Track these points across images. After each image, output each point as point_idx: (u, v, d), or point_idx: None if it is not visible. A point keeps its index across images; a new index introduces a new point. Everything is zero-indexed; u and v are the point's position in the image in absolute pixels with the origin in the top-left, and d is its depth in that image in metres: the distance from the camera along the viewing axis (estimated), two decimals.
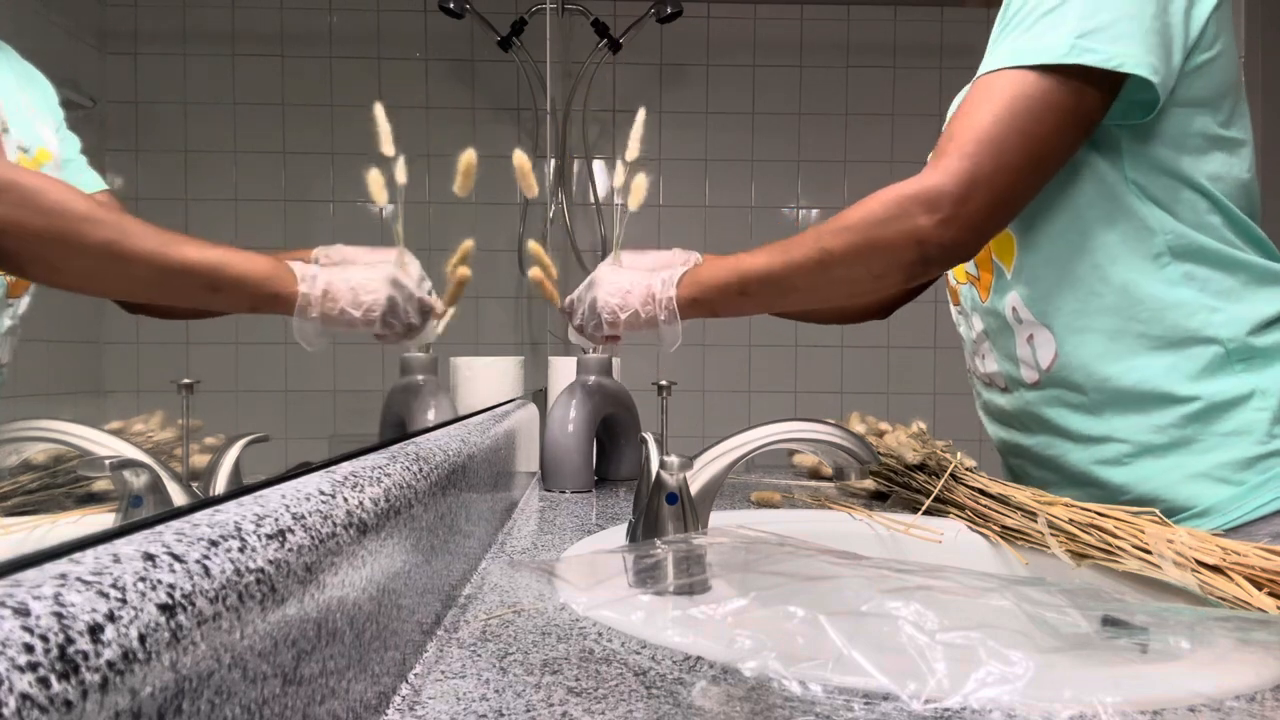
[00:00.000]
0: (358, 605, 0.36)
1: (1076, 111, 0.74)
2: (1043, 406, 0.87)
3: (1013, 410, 0.92)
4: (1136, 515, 0.66)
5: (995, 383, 0.94)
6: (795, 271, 0.83)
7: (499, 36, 1.88)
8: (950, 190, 0.74)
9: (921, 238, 0.75)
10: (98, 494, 0.38)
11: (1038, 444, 0.90)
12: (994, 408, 0.97)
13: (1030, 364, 0.87)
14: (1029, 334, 0.87)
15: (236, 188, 0.55)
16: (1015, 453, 0.95)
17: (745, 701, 0.40)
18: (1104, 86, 0.73)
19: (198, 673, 0.23)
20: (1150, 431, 0.80)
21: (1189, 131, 0.76)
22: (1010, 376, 0.91)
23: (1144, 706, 0.40)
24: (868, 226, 0.78)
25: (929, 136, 1.11)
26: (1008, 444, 0.96)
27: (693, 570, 0.59)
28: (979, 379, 0.98)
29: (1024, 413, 0.90)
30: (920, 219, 0.75)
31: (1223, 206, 0.78)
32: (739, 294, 0.87)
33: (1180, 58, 0.74)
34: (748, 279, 0.86)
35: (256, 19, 0.60)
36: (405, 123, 0.97)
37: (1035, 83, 0.73)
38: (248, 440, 0.45)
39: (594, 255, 2.53)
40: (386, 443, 0.54)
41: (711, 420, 2.65)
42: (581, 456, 1.04)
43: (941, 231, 0.75)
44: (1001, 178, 0.74)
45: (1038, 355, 0.86)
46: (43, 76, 0.35)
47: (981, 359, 0.96)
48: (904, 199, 0.76)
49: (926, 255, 0.76)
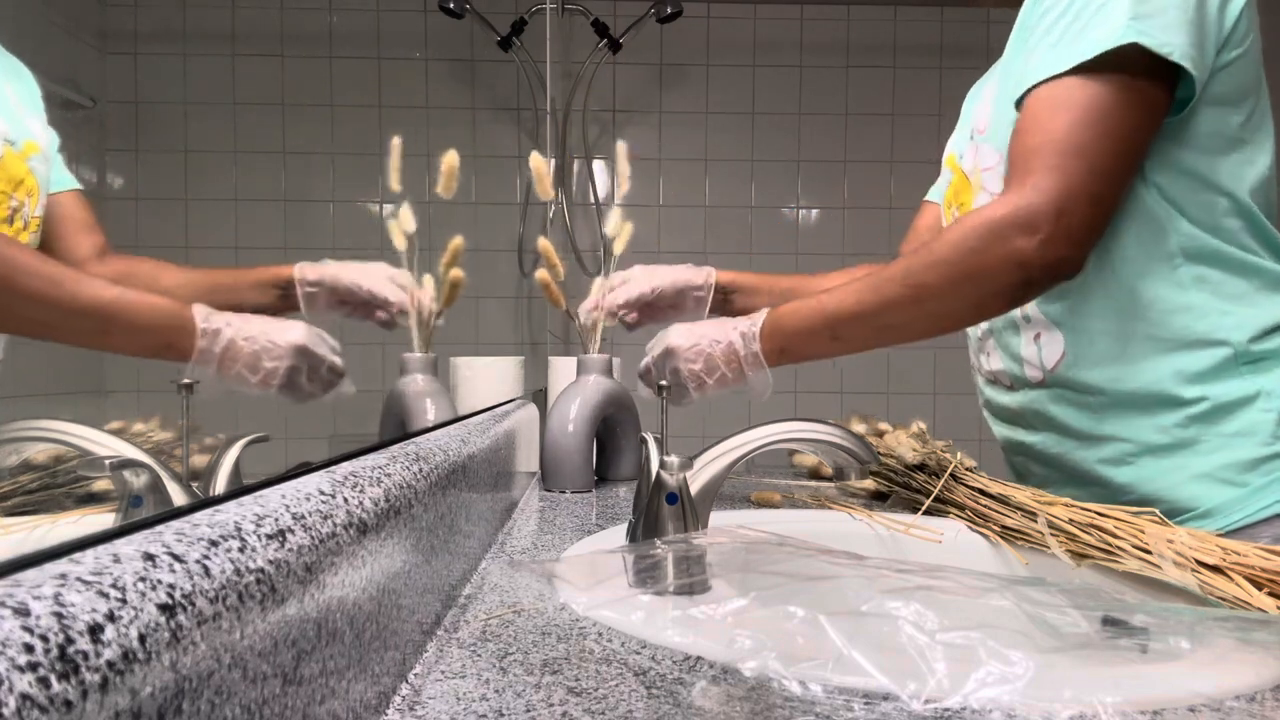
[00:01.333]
0: (358, 605, 0.36)
1: (1147, 102, 0.72)
2: (1047, 405, 0.87)
3: (1016, 408, 0.92)
4: (1136, 515, 0.66)
5: (999, 380, 0.94)
6: (888, 309, 0.81)
7: (499, 36, 1.88)
8: (1045, 208, 0.71)
9: (1023, 260, 0.73)
10: (98, 494, 0.38)
11: (1041, 442, 0.90)
12: (997, 405, 0.96)
13: (1035, 363, 0.87)
14: (1036, 333, 0.87)
15: (236, 188, 0.55)
16: (1018, 450, 0.95)
17: (745, 701, 0.40)
18: (1161, 75, 0.71)
19: (198, 673, 0.23)
20: (1154, 432, 0.80)
21: (1213, 131, 0.75)
22: (1014, 375, 0.91)
23: (1144, 706, 0.40)
24: (961, 257, 0.75)
25: (929, 136, 1.10)
26: (1011, 442, 0.96)
27: (693, 570, 0.59)
28: (983, 376, 0.98)
29: (1028, 411, 0.90)
30: (1018, 242, 0.72)
31: (1243, 208, 0.77)
32: (830, 339, 0.85)
33: (1213, 53, 0.73)
34: (838, 323, 0.83)
35: (256, 19, 0.60)
36: (405, 123, 0.97)
37: (1103, 82, 0.71)
38: (248, 440, 0.45)
39: (594, 255, 2.53)
40: (386, 443, 0.54)
41: (711, 420, 2.65)
42: (581, 456, 1.04)
43: (1044, 251, 0.72)
44: (1096, 184, 0.72)
45: (1043, 354, 0.86)
46: (26, 69, 0.35)
47: (986, 356, 0.95)
48: (996, 224, 0.73)
49: (1029, 278, 0.74)
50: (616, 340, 1.17)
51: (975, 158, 0.92)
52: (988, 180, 0.89)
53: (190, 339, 0.49)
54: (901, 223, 1.26)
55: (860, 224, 2.66)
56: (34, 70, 0.35)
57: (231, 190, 0.55)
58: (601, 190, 2.64)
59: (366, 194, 0.85)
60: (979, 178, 0.91)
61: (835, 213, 2.67)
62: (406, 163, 0.76)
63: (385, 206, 0.85)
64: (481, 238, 1.42)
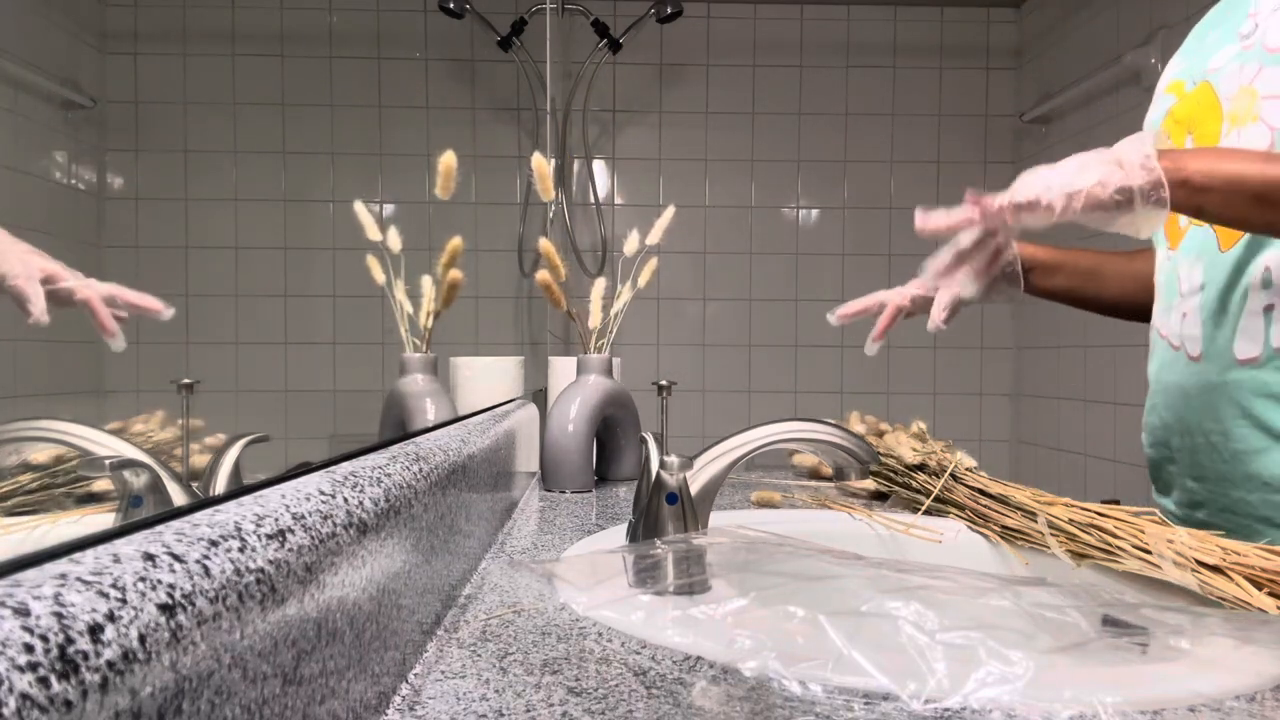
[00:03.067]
0: (358, 605, 0.36)
1: None
2: (1246, 392, 0.75)
3: (1192, 388, 0.80)
4: (1137, 515, 0.66)
5: (1185, 347, 0.81)
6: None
7: (499, 36, 1.88)
8: None
9: None
10: (98, 494, 0.38)
11: (1216, 433, 0.78)
12: (1170, 378, 0.84)
13: (1256, 338, 0.74)
14: (1271, 302, 0.73)
15: (236, 188, 0.55)
16: (1177, 432, 0.83)
17: (745, 701, 0.40)
18: None
19: (198, 673, 0.23)
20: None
21: None
22: (1213, 345, 0.78)
23: (1144, 706, 0.40)
24: None
25: (929, 136, 1.10)
26: (1177, 425, 0.83)
27: (693, 570, 0.59)
28: (1165, 338, 0.85)
29: (1211, 392, 0.78)
30: None
31: None
32: (1253, 200, 0.65)
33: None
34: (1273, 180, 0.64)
35: (256, 19, 0.60)
36: (405, 123, 0.97)
37: None
38: (248, 440, 0.45)
39: (594, 255, 2.54)
40: (386, 443, 0.54)
41: (711, 420, 2.65)
42: (581, 456, 1.04)
43: None
44: None
45: (1272, 330, 0.73)
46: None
47: (1182, 317, 0.82)
48: None
49: None
50: (616, 340, 1.16)
51: (1255, 78, 0.76)
52: (1269, 110, 0.74)
53: None
54: (901, 222, 1.26)
55: (860, 224, 2.66)
56: (34, 70, 0.35)
57: (231, 190, 0.55)
58: (601, 190, 2.64)
59: (366, 194, 0.85)
60: (1253, 104, 0.76)
61: (835, 213, 2.67)
62: (406, 163, 0.76)
63: (385, 207, 0.85)
64: (481, 238, 1.42)
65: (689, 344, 2.66)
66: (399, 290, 0.80)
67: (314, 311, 0.69)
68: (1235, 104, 0.78)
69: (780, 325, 2.67)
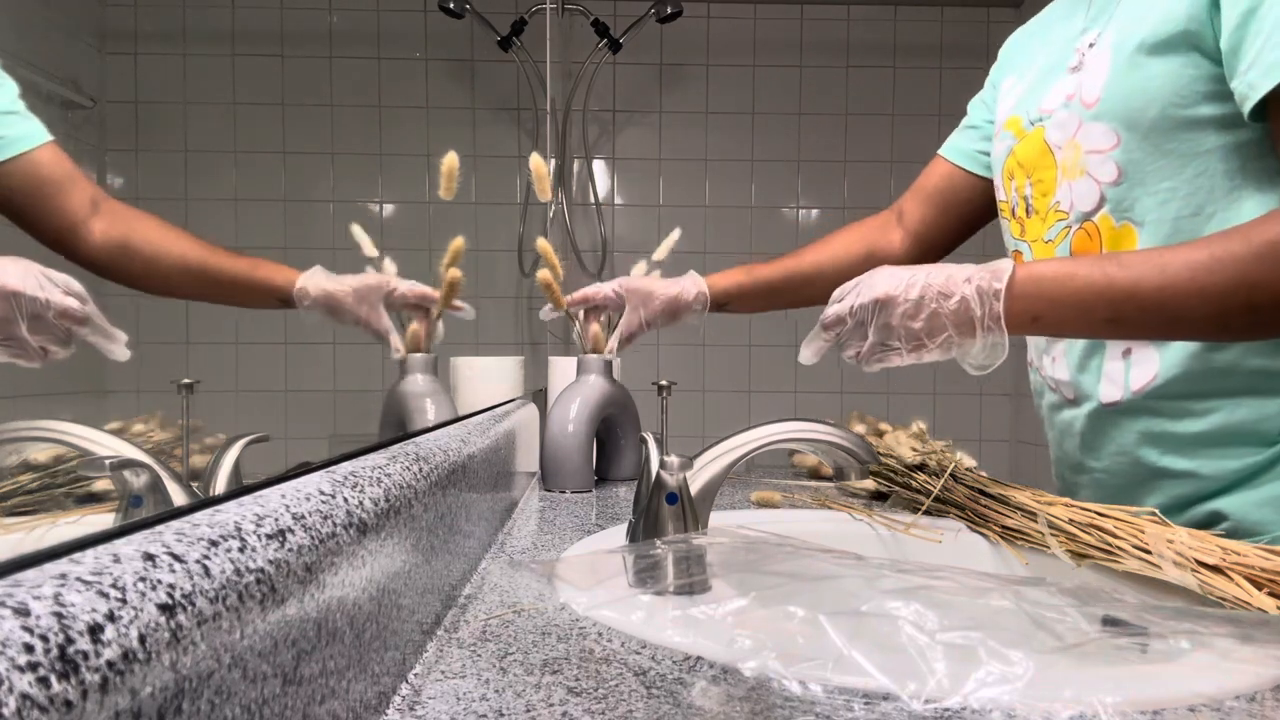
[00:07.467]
0: (358, 605, 0.36)
1: None
2: (1115, 432, 0.80)
3: (1079, 429, 0.84)
4: (1136, 515, 0.66)
5: (1061, 392, 0.86)
6: (1201, 302, 0.64)
7: (499, 36, 1.88)
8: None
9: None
10: (98, 494, 0.38)
11: (1104, 468, 0.83)
12: (1056, 417, 0.88)
13: (1117, 382, 0.79)
14: (1128, 347, 0.77)
15: (236, 188, 0.55)
16: (1075, 469, 0.88)
17: (745, 701, 0.40)
18: None
19: (198, 673, 0.23)
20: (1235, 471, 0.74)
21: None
22: (1082, 390, 0.83)
23: (1144, 706, 0.40)
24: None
25: (929, 136, 1.10)
26: (1067, 459, 0.89)
27: (693, 570, 0.59)
28: (1044, 380, 0.89)
29: (1091, 431, 0.83)
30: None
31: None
32: (1106, 321, 0.68)
33: None
34: (1121, 302, 0.66)
35: (256, 19, 0.60)
36: (405, 123, 0.97)
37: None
38: (248, 440, 0.45)
39: (594, 255, 2.54)
40: (386, 443, 0.54)
41: (711, 420, 2.65)
42: (581, 456, 1.04)
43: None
44: None
45: (1131, 374, 0.77)
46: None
47: (1052, 361, 0.86)
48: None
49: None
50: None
51: (1076, 133, 0.79)
52: (1094, 165, 0.77)
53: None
54: None
55: None
56: (35, 70, 0.35)
57: (231, 190, 0.55)
58: (601, 190, 2.64)
59: (366, 194, 0.85)
60: (1078, 157, 0.79)
61: (835, 213, 2.67)
62: (406, 163, 0.76)
63: (385, 207, 0.86)
64: (481, 238, 1.42)
65: (689, 343, 2.66)
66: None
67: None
68: (1064, 155, 0.82)
69: (780, 325, 2.66)
